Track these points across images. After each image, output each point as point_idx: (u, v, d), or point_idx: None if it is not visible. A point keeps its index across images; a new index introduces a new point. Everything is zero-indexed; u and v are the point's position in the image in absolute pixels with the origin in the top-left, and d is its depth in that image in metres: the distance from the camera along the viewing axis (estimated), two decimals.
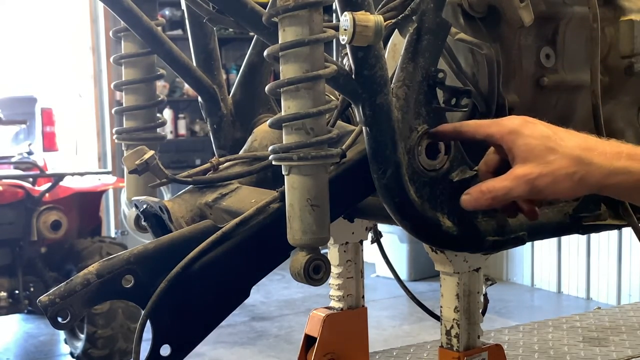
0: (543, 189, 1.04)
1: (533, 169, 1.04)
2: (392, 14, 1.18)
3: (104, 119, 7.78)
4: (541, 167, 1.03)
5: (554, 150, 1.04)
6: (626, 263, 6.11)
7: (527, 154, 1.04)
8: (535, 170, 1.03)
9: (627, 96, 1.37)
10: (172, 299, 1.10)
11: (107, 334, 4.69)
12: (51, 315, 1.05)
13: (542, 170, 1.03)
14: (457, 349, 1.32)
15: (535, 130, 1.06)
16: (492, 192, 1.07)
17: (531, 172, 1.04)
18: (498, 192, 1.06)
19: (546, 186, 1.04)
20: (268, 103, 1.48)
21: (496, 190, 1.06)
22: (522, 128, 1.06)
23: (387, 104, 1.07)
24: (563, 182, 1.03)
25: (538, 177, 1.03)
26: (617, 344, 2.02)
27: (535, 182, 1.03)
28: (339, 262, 1.53)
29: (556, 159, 1.03)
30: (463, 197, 1.10)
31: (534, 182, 1.03)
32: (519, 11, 1.19)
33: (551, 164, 1.03)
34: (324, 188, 1.06)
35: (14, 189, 4.77)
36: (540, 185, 1.04)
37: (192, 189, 1.31)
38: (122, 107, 1.44)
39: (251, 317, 6.06)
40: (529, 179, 1.04)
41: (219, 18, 1.26)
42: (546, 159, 1.03)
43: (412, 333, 5.57)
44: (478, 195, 1.08)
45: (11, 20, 7.80)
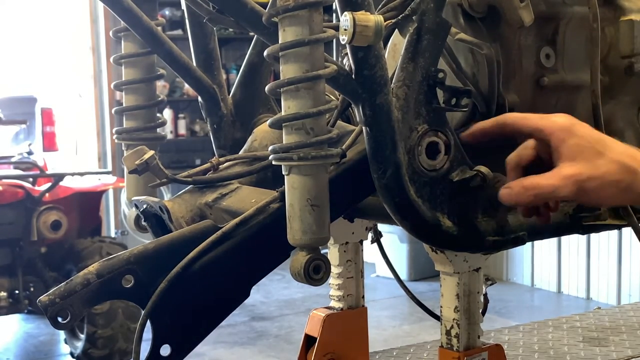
0: (590, 192, 1.01)
1: (582, 169, 1.01)
2: (392, 14, 1.18)
3: (104, 119, 7.78)
4: (591, 170, 1.01)
5: (602, 154, 1.02)
6: (626, 263, 6.11)
7: (577, 154, 1.01)
8: (585, 171, 1.01)
9: (627, 96, 1.37)
10: (172, 299, 1.10)
11: (107, 334, 4.69)
12: (51, 315, 1.05)
13: (592, 172, 1.01)
14: (457, 349, 1.32)
15: (586, 131, 1.04)
16: (536, 189, 1.03)
17: (581, 172, 1.01)
18: (543, 189, 1.03)
19: (594, 189, 1.01)
20: (268, 103, 1.48)
21: (541, 187, 1.03)
22: (574, 127, 1.04)
23: (387, 104, 1.07)
24: (609, 188, 1.01)
25: (587, 180, 1.01)
26: (617, 344, 2.02)
27: (583, 184, 1.01)
28: (339, 262, 1.53)
29: (604, 164, 1.01)
30: (503, 191, 1.07)
31: (583, 183, 1.01)
32: (519, 11, 1.19)
33: (600, 168, 1.01)
34: (324, 188, 1.06)
35: (14, 189, 4.77)
36: (587, 188, 1.01)
37: (192, 189, 1.31)
38: (122, 107, 1.44)
39: (251, 317, 6.06)
40: (578, 179, 1.01)
41: (219, 18, 1.26)
42: (595, 162, 1.01)
43: (412, 333, 5.57)
44: (520, 191, 1.05)
45: (11, 20, 7.80)
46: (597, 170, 1.01)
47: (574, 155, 1.02)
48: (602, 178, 1.01)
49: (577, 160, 1.02)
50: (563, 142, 1.03)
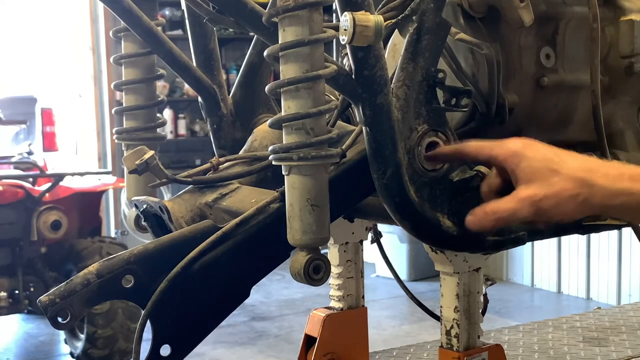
0: (548, 210, 1.03)
1: (537, 190, 1.03)
2: (392, 14, 1.18)
3: (104, 119, 7.78)
4: (545, 189, 1.03)
5: (557, 172, 1.03)
6: (626, 263, 6.11)
7: (531, 176, 1.04)
8: (539, 192, 1.03)
9: (627, 96, 1.37)
10: (172, 298, 1.10)
11: (107, 334, 4.69)
12: (51, 315, 1.05)
13: (546, 192, 1.03)
14: (457, 349, 1.32)
15: (537, 152, 1.06)
16: (496, 213, 1.06)
17: (536, 193, 1.03)
18: (502, 213, 1.06)
19: (551, 208, 1.03)
20: (268, 103, 1.48)
21: (501, 211, 1.06)
22: (525, 150, 1.06)
23: (387, 104, 1.07)
24: (567, 204, 1.03)
25: (543, 199, 1.03)
26: (617, 344, 2.02)
27: (540, 204, 1.03)
28: (339, 262, 1.53)
29: (559, 181, 1.03)
30: (467, 218, 1.10)
31: (539, 203, 1.03)
32: (519, 11, 1.19)
33: (554, 186, 1.03)
34: (324, 188, 1.06)
35: (14, 189, 4.77)
36: (545, 206, 1.03)
37: (192, 189, 1.31)
38: (122, 107, 1.44)
39: (251, 317, 6.06)
40: (534, 200, 1.03)
41: (219, 18, 1.26)
42: (550, 180, 1.03)
43: (412, 333, 5.57)
44: (482, 217, 1.08)
45: (11, 20, 7.80)
46: (552, 188, 1.03)
47: (528, 177, 1.04)
48: (557, 196, 1.03)
49: (532, 182, 1.04)
50: (517, 167, 1.05)
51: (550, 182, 1.03)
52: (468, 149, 1.12)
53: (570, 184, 1.03)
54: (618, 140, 1.36)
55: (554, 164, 1.05)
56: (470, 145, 1.12)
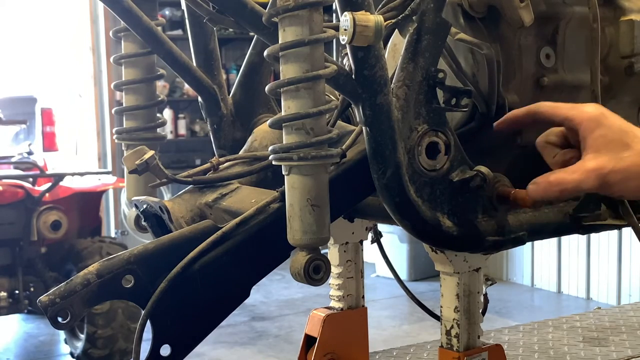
0: (613, 184, 1.01)
1: (606, 162, 1.01)
2: (392, 14, 1.17)
3: (104, 119, 7.78)
4: (614, 162, 1.01)
5: (629, 146, 1.01)
6: (626, 263, 6.11)
7: (602, 146, 1.02)
8: (608, 164, 1.01)
9: (627, 96, 1.37)
10: (172, 299, 1.10)
11: (107, 334, 4.69)
12: (51, 315, 1.05)
13: (615, 165, 1.01)
14: (457, 349, 1.32)
15: (614, 122, 1.03)
16: (561, 184, 1.04)
17: (604, 166, 1.01)
18: (567, 184, 1.03)
19: (617, 182, 1.01)
20: (268, 103, 1.48)
21: (566, 182, 1.03)
22: (603, 118, 1.03)
23: (387, 104, 1.07)
24: (634, 180, 1.01)
25: (610, 173, 1.01)
26: (617, 344, 2.02)
27: (606, 177, 1.01)
28: (339, 262, 1.53)
29: (630, 156, 1.01)
30: (530, 187, 1.07)
31: (606, 177, 1.01)
32: (519, 11, 1.19)
33: (624, 160, 1.01)
34: (324, 188, 1.06)
35: (14, 189, 4.77)
36: (611, 181, 1.01)
37: (192, 189, 1.31)
38: (122, 107, 1.44)
39: (251, 317, 6.06)
40: (601, 173, 1.01)
41: (219, 18, 1.26)
42: (620, 154, 1.01)
43: (412, 333, 5.57)
44: (546, 186, 1.05)
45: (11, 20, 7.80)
46: (621, 162, 1.01)
47: (599, 147, 1.02)
48: (626, 171, 1.01)
49: (602, 153, 1.02)
50: (590, 133, 1.03)
51: (620, 156, 1.01)
52: (543, 109, 1.09)
53: None
54: None
55: (628, 138, 1.02)
56: (546, 105, 1.10)
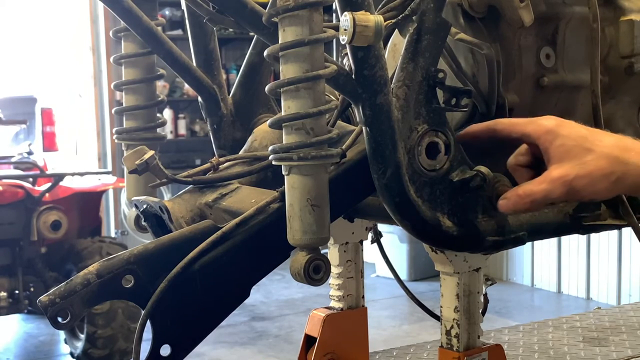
0: (580, 190, 1.03)
1: (570, 170, 1.03)
2: (392, 14, 1.18)
3: (104, 119, 7.78)
4: (578, 168, 1.02)
5: (590, 150, 1.03)
6: (626, 263, 6.11)
7: (564, 155, 1.03)
8: (572, 171, 1.02)
9: (627, 96, 1.37)
10: (172, 299, 1.10)
11: (107, 334, 4.69)
12: (51, 315, 1.05)
13: (578, 171, 1.02)
14: (457, 349, 1.32)
15: (572, 130, 1.05)
16: (530, 195, 1.06)
17: (568, 173, 1.03)
18: (536, 195, 1.05)
19: (583, 187, 1.03)
20: (268, 103, 1.48)
21: (534, 193, 1.05)
22: (559, 128, 1.05)
23: (387, 104, 1.07)
24: (600, 182, 1.02)
25: (575, 179, 1.02)
26: (617, 344, 2.02)
27: (572, 184, 1.03)
28: (339, 262, 1.53)
29: (593, 160, 1.02)
30: (500, 202, 1.10)
31: (572, 183, 1.03)
32: (519, 11, 1.19)
33: (588, 165, 1.02)
34: (324, 188, 1.06)
35: (14, 189, 4.77)
36: (577, 186, 1.03)
37: (192, 189, 1.31)
38: (122, 107, 1.44)
39: (251, 317, 6.06)
40: (566, 180, 1.03)
41: (219, 18, 1.26)
42: (583, 159, 1.02)
43: (412, 333, 5.57)
44: (516, 200, 1.07)
45: (11, 20, 7.80)
46: (585, 167, 1.02)
47: (561, 156, 1.04)
48: (590, 175, 1.02)
49: (565, 161, 1.04)
50: (550, 145, 1.05)
51: (583, 161, 1.02)
52: (501, 126, 1.11)
53: (604, 162, 1.02)
54: None
55: (588, 143, 1.04)
56: (503, 122, 1.11)
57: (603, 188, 1.03)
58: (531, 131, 1.07)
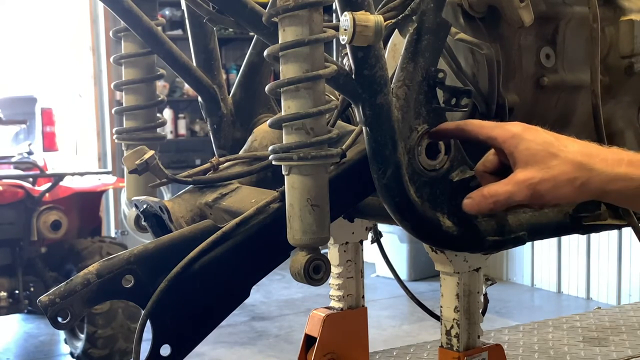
0: (544, 193, 1.04)
1: (535, 173, 1.04)
2: (392, 14, 1.17)
3: (104, 119, 7.78)
4: (543, 172, 1.04)
5: (555, 155, 1.04)
6: (626, 263, 6.11)
7: (529, 159, 1.05)
8: (537, 175, 1.04)
9: (627, 96, 1.37)
10: (172, 299, 1.10)
11: (107, 334, 4.69)
12: (51, 315, 1.05)
13: (543, 175, 1.03)
14: (457, 349, 1.32)
15: (537, 135, 1.06)
16: (494, 196, 1.07)
17: (533, 176, 1.04)
18: (500, 196, 1.06)
19: (547, 191, 1.04)
20: (268, 103, 1.48)
21: (498, 194, 1.06)
22: (525, 133, 1.06)
23: (387, 104, 1.07)
24: (564, 187, 1.03)
25: (540, 182, 1.04)
26: (617, 344, 2.02)
27: (536, 187, 1.04)
28: (339, 262, 1.53)
29: (558, 164, 1.04)
30: (465, 202, 1.11)
31: (536, 186, 1.04)
32: (519, 11, 1.19)
33: (552, 169, 1.03)
34: (324, 188, 1.06)
35: (14, 189, 4.77)
36: (541, 190, 1.04)
37: (192, 189, 1.31)
38: (122, 107, 1.44)
39: (251, 317, 6.06)
40: (531, 183, 1.04)
41: (219, 18, 1.26)
42: (548, 164, 1.04)
43: (412, 333, 5.57)
44: (480, 200, 1.08)
45: (11, 20, 7.80)
46: (550, 171, 1.03)
47: (526, 160, 1.05)
48: (554, 179, 1.03)
49: (530, 164, 1.04)
50: (515, 148, 1.06)
51: (548, 165, 1.04)
52: (470, 127, 1.11)
53: (569, 167, 1.03)
54: (618, 140, 1.36)
55: (553, 148, 1.05)
56: (473, 123, 1.12)
57: (567, 193, 1.04)
58: (497, 135, 1.08)
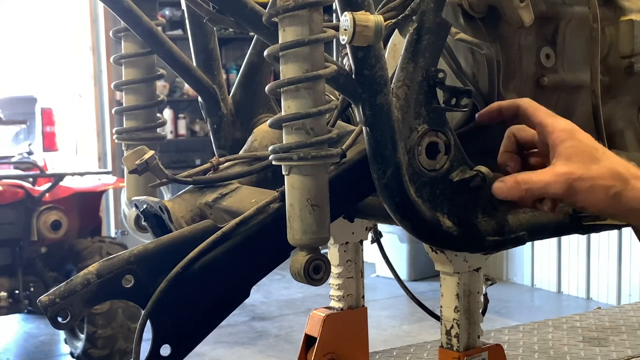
0: (579, 192, 1.03)
1: (575, 169, 1.03)
2: (392, 14, 1.18)
3: (104, 119, 7.78)
4: (583, 170, 1.03)
5: (598, 160, 1.04)
6: (626, 263, 6.11)
7: (572, 155, 1.04)
8: (577, 171, 1.03)
9: (627, 96, 1.37)
10: (172, 299, 1.10)
11: (107, 334, 4.70)
12: (51, 315, 1.05)
13: (583, 173, 1.03)
14: (457, 349, 1.32)
15: (586, 137, 1.07)
16: (528, 184, 1.05)
17: (573, 172, 1.03)
18: (535, 184, 1.05)
19: (583, 191, 1.03)
20: (268, 103, 1.48)
21: (533, 182, 1.05)
22: (576, 131, 1.07)
23: (387, 104, 1.07)
24: (599, 192, 1.03)
25: (578, 179, 1.03)
26: (617, 344, 2.02)
27: (574, 183, 1.03)
28: (339, 262, 1.53)
29: (598, 168, 1.03)
30: (496, 185, 1.09)
31: (573, 182, 1.03)
32: (519, 11, 1.19)
33: (592, 171, 1.03)
34: (324, 188, 1.06)
35: (14, 189, 4.77)
36: (577, 187, 1.03)
37: (192, 189, 1.31)
38: (122, 107, 1.44)
39: (251, 317, 6.06)
40: (569, 178, 1.03)
41: (219, 18, 1.26)
42: (589, 165, 1.03)
43: (412, 333, 5.57)
44: (512, 185, 1.07)
45: (11, 20, 7.80)
46: (590, 172, 1.03)
47: (570, 155, 1.04)
48: (593, 180, 1.03)
49: (573, 161, 1.04)
50: (562, 142, 1.05)
51: (589, 167, 1.03)
52: (526, 105, 1.10)
53: (608, 173, 1.03)
54: (618, 140, 1.36)
55: (598, 153, 1.05)
56: (529, 103, 1.11)
57: (600, 199, 1.03)
58: (550, 123, 1.07)
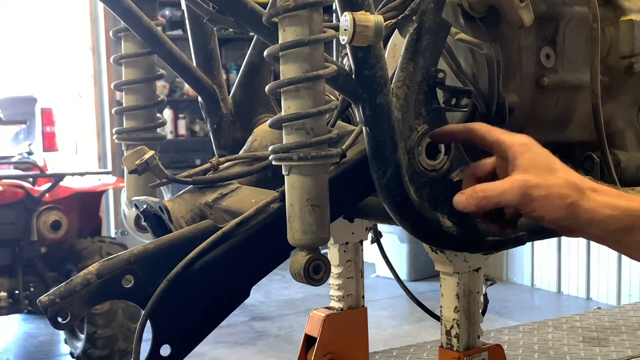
0: (534, 200, 1.04)
1: (531, 177, 1.04)
2: (392, 14, 1.18)
3: (104, 119, 7.78)
4: (539, 179, 1.04)
5: (555, 170, 1.06)
6: (626, 263, 6.11)
7: (530, 166, 1.05)
8: (532, 179, 1.04)
9: (627, 96, 1.37)
10: (172, 299, 1.10)
11: (107, 334, 4.70)
12: (51, 315, 1.05)
13: (539, 181, 1.04)
14: (457, 349, 1.32)
15: (543, 150, 1.08)
16: (485, 192, 1.07)
17: (528, 179, 1.04)
18: (491, 192, 1.06)
19: (538, 198, 1.04)
20: (268, 103, 1.48)
21: (490, 190, 1.07)
22: (533, 145, 1.08)
23: (387, 104, 1.07)
24: (554, 200, 1.04)
25: (534, 187, 1.04)
26: (617, 344, 2.02)
27: (529, 191, 1.04)
28: (339, 262, 1.53)
29: (555, 178, 1.05)
30: (455, 197, 1.11)
31: (529, 190, 1.04)
32: (519, 11, 1.19)
33: (549, 180, 1.04)
34: (324, 188, 1.06)
35: (14, 189, 4.77)
36: (533, 195, 1.04)
37: (192, 189, 1.31)
38: (122, 107, 1.44)
39: (251, 317, 6.06)
40: (525, 185, 1.04)
41: (219, 18, 1.26)
42: (546, 174, 1.05)
43: (412, 333, 5.57)
44: (470, 194, 1.08)
45: (11, 20, 7.80)
46: (546, 181, 1.05)
47: (527, 167, 1.06)
48: (549, 188, 1.04)
49: (530, 172, 1.05)
50: (520, 155, 1.07)
51: (545, 176, 1.05)
52: (477, 129, 1.12)
53: (564, 184, 1.05)
54: (618, 140, 1.37)
55: (554, 165, 1.07)
56: (481, 126, 1.12)
57: (555, 208, 1.04)
58: (506, 139, 1.09)
